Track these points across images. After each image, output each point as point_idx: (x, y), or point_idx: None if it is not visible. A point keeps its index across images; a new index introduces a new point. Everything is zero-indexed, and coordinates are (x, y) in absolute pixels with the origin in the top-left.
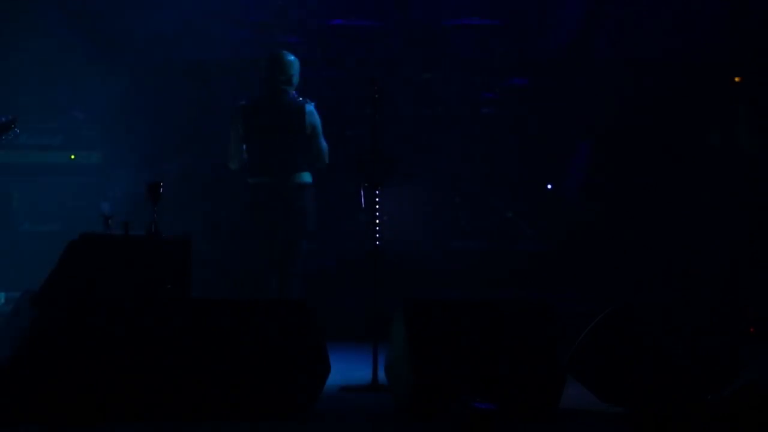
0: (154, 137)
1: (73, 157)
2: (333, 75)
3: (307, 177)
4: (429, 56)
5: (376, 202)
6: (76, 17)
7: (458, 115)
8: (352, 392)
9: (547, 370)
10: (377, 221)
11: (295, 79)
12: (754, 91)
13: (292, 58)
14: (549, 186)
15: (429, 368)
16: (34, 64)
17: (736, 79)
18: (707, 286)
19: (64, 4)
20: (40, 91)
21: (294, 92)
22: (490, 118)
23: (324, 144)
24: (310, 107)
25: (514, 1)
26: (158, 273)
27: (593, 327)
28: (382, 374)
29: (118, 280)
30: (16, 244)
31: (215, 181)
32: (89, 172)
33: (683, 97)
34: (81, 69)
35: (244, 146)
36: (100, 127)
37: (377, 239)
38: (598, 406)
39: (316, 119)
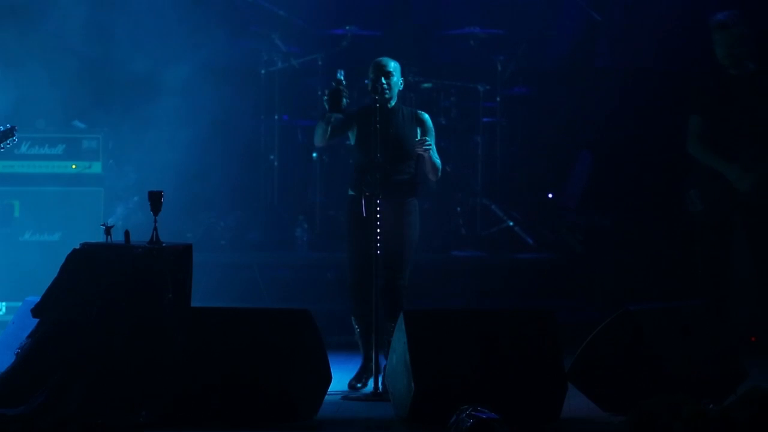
0: (155, 146)
1: (74, 167)
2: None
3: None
4: (430, 65)
5: (377, 211)
6: (77, 24)
7: (459, 123)
8: (353, 401)
9: (549, 379)
10: (378, 230)
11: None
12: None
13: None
14: (550, 195)
15: (430, 377)
16: (35, 72)
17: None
18: (709, 295)
19: (67, 15)
20: (41, 100)
21: None
22: (492, 127)
23: None
24: None
25: (516, 11)
26: (159, 282)
27: (595, 336)
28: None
29: (119, 290)
30: (17, 253)
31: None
32: (90, 183)
33: (685, 105)
34: (83, 76)
35: None
36: (101, 137)
37: (378, 248)
38: (600, 416)
39: None
